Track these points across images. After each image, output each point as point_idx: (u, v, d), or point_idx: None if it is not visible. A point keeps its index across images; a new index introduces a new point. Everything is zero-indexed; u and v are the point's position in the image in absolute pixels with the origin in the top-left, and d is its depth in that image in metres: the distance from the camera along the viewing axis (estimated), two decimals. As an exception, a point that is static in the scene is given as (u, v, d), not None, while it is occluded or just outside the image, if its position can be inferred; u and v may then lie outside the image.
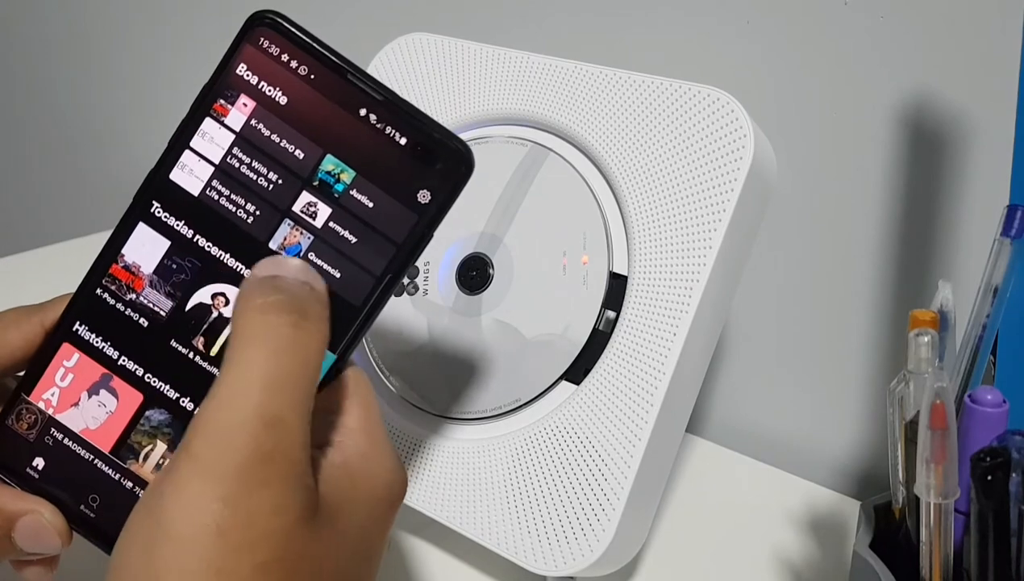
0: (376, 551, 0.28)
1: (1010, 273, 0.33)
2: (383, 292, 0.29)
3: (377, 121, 0.29)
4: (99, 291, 0.30)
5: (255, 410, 0.24)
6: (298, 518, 0.24)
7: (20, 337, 0.31)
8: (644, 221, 0.42)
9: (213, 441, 0.24)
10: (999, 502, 0.29)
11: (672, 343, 0.40)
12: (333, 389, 0.29)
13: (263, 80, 0.29)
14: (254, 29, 0.29)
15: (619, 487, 0.39)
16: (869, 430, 0.56)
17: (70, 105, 1.08)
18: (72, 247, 0.81)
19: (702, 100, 0.42)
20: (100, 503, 0.30)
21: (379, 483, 0.28)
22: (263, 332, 0.25)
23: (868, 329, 0.55)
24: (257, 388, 0.25)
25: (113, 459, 0.30)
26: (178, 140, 0.30)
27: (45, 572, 0.31)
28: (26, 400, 0.31)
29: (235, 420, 0.24)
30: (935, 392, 0.29)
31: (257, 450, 0.24)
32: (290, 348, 0.25)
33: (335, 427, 0.28)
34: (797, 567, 0.47)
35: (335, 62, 0.29)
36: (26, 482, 0.30)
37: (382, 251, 0.29)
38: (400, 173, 0.29)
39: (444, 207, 0.29)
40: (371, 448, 0.28)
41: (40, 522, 0.29)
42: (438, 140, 0.29)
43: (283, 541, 0.24)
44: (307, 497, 0.25)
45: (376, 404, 0.29)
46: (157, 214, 0.30)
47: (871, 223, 0.53)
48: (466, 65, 0.48)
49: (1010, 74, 0.35)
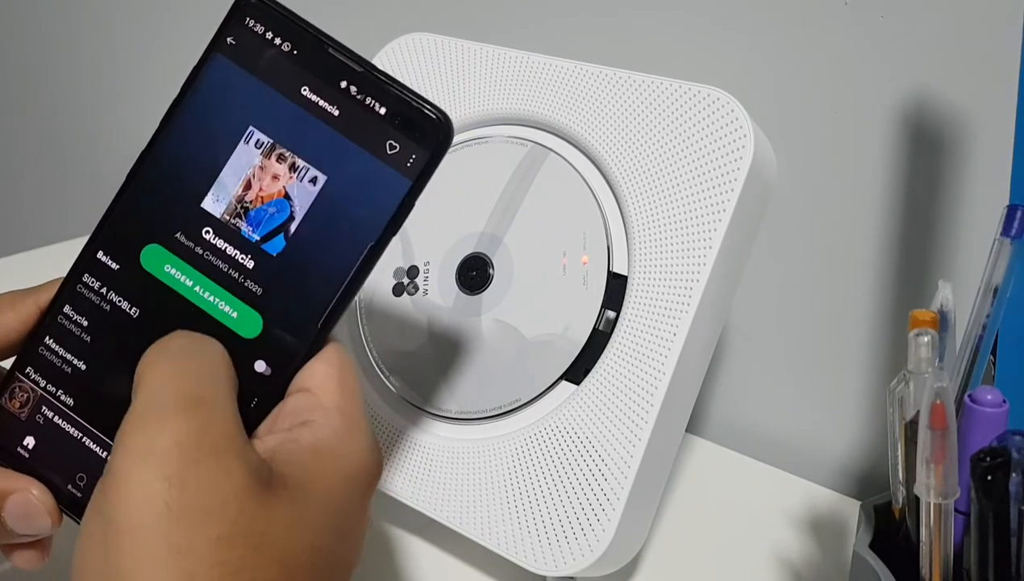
0: (355, 530, 0.28)
1: (1010, 273, 0.33)
2: (364, 263, 0.29)
3: (357, 92, 0.29)
4: (94, 265, 0.31)
5: (175, 395, 0.26)
6: (244, 487, 0.24)
7: (16, 318, 0.31)
8: (644, 221, 0.42)
9: (142, 429, 0.25)
10: (999, 502, 0.29)
11: (672, 343, 0.40)
12: (312, 366, 0.29)
13: (250, 56, 0.30)
14: (241, 8, 0.30)
15: (619, 487, 0.39)
16: (869, 430, 0.56)
17: (70, 105, 1.08)
18: (72, 247, 0.81)
19: (702, 100, 0.42)
20: (88, 482, 0.30)
21: (352, 462, 0.28)
22: (163, 349, 0.28)
23: (868, 329, 0.55)
24: (173, 379, 0.26)
25: (102, 437, 0.30)
26: (172, 113, 0.31)
27: (37, 557, 0.31)
28: (19, 378, 0.31)
29: (158, 407, 0.25)
30: (935, 392, 0.29)
31: (186, 427, 0.25)
32: (191, 349, 0.28)
33: (311, 405, 0.28)
34: (797, 567, 0.47)
35: (316, 38, 0.30)
36: (16, 461, 0.31)
37: (362, 221, 0.29)
38: (379, 142, 0.29)
39: (424, 176, 0.29)
40: (345, 428, 0.28)
41: (30, 500, 0.30)
42: (416, 109, 0.29)
43: (237, 513, 0.24)
44: (250, 468, 0.25)
45: (356, 383, 0.29)
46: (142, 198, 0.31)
47: (871, 223, 0.53)
48: (466, 65, 0.48)
49: (1010, 74, 0.35)
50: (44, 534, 0.30)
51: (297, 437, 0.27)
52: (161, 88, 1.00)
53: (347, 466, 0.28)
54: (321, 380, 0.29)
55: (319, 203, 0.30)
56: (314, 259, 0.29)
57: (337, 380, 0.29)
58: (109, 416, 0.30)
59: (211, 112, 0.30)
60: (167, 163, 0.30)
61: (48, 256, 0.80)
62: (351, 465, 0.28)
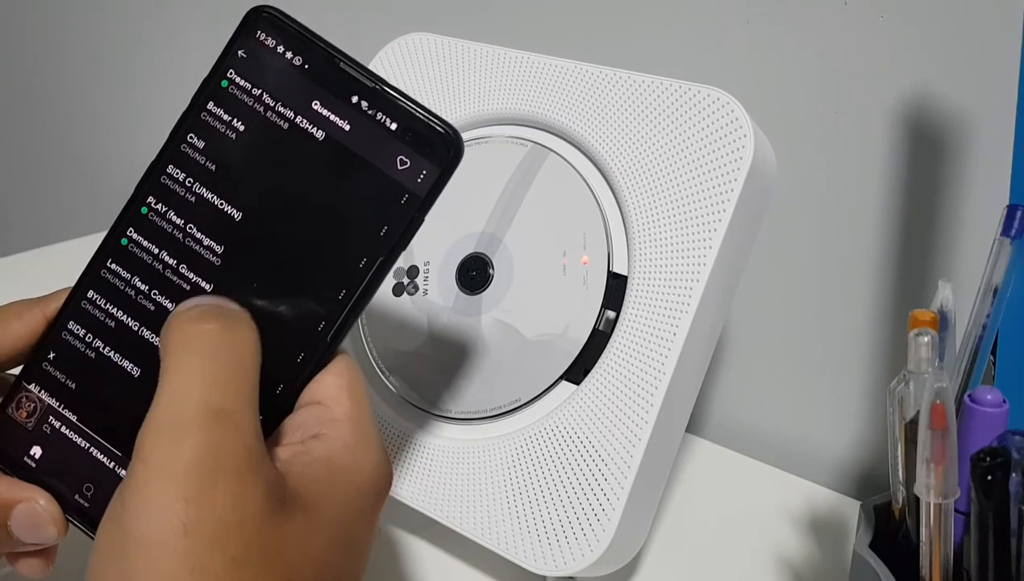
0: (362, 544, 0.28)
1: (1010, 273, 0.33)
2: (373, 277, 0.29)
3: (368, 107, 0.29)
4: (102, 275, 0.31)
5: (198, 406, 0.25)
6: (262, 508, 0.24)
7: (23, 327, 0.31)
8: (644, 221, 0.42)
9: (163, 442, 0.24)
10: (999, 502, 0.29)
11: (672, 343, 0.40)
12: (322, 378, 0.29)
13: (261, 70, 0.30)
14: (252, 22, 0.30)
15: (619, 487, 0.39)
16: (869, 430, 0.56)
17: (71, 104, 1.08)
18: (72, 247, 0.81)
19: (702, 100, 0.42)
20: (95, 492, 0.30)
21: (363, 475, 0.28)
22: (193, 338, 0.27)
23: (868, 329, 0.55)
24: (197, 386, 0.25)
25: (109, 447, 0.30)
26: (179, 130, 0.30)
27: (43, 565, 0.31)
28: (26, 388, 0.31)
29: (181, 418, 0.25)
30: (935, 392, 0.29)
31: (208, 444, 0.24)
32: (222, 347, 0.27)
33: (322, 418, 0.28)
34: (797, 567, 0.47)
35: (328, 52, 0.30)
36: (22, 471, 0.30)
37: (372, 235, 0.29)
38: (390, 158, 0.29)
39: (434, 192, 0.29)
40: (356, 440, 0.28)
41: (36, 510, 0.29)
42: (427, 124, 0.29)
43: (252, 534, 0.24)
44: (268, 487, 0.25)
45: (365, 394, 0.29)
46: (157, 207, 0.30)
47: (871, 223, 0.53)
48: (466, 65, 0.48)
49: (1010, 74, 0.35)
50: (50, 543, 0.30)
51: (310, 450, 0.27)
52: (167, 92, 1.00)
53: (359, 480, 0.28)
54: (332, 392, 0.29)
55: (328, 216, 0.29)
56: (324, 270, 0.29)
57: (348, 392, 0.29)
58: (117, 427, 0.30)
59: (221, 124, 0.30)
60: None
61: (48, 256, 0.80)
62: (362, 479, 0.28)
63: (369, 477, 0.28)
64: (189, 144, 0.30)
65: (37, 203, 1.19)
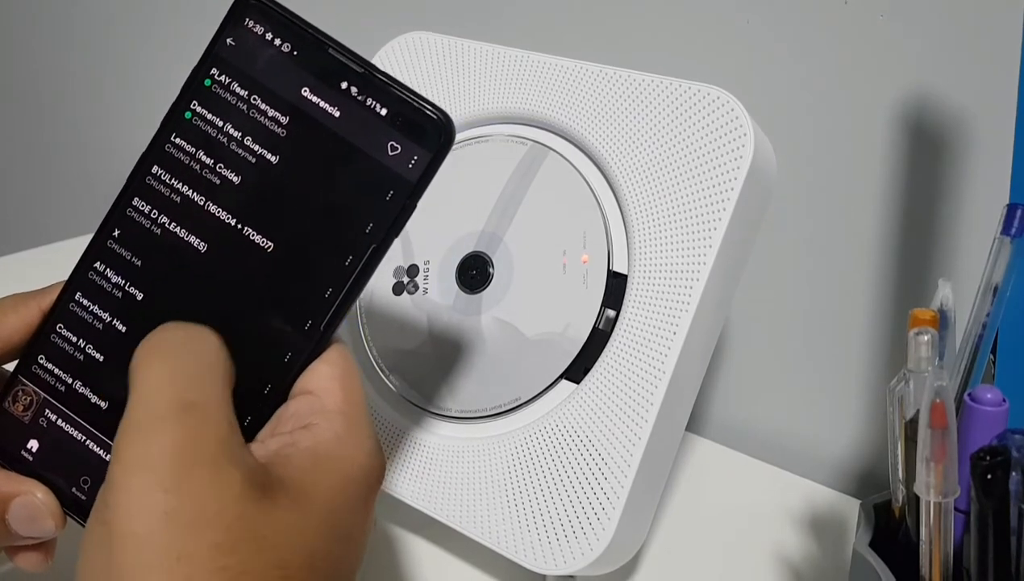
0: (355, 533, 0.28)
1: (1010, 272, 0.33)
2: (366, 265, 0.29)
3: (358, 93, 0.29)
4: (91, 274, 0.31)
5: (169, 403, 0.25)
6: (242, 494, 0.24)
7: (19, 321, 0.31)
8: (644, 220, 0.42)
9: (137, 439, 0.25)
10: (999, 501, 0.29)
11: (672, 342, 0.40)
12: (316, 367, 0.29)
13: (250, 57, 0.30)
14: (241, 9, 0.30)
15: (619, 486, 0.39)
16: (869, 430, 0.56)
17: (70, 104, 1.08)
18: (72, 247, 0.81)
19: (702, 99, 0.42)
20: (92, 485, 0.30)
21: (353, 465, 0.28)
22: (157, 344, 0.28)
23: (868, 329, 0.55)
24: (166, 385, 0.26)
25: (106, 440, 0.30)
26: (164, 128, 0.30)
27: (42, 559, 0.31)
28: (23, 382, 0.31)
29: (153, 415, 0.25)
30: (935, 391, 0.29)
31: (181, 435, 0.25)
32: (185, 348, 0.28)
33: (314, 407, 0.28)
34: (797, 566, 0.47)
35: (317, 38, 0.30)
36: (19, 465, 0.31)
37: (363, 223, 0.29)
38: (381, 143, 0.29)
39: (426, 177, 0.29)
40: (348, 430, 0.28)
41: (34, 503, 0.30)
42: (418, 109, 0.29)
43: (234, 519, 0.24)
44: (246, 473, 0.25)
45: (359, 384, 0.29)
46: (142, 207, 0.30)
47: (871, 223, 0.53)
48: (466, 64, 0.48)
49: (1010, 74, 0.35)
50: (48, 537, 0.31)
51: (296, 440, 0.27)
52: (160, 88, 1.00)
53: (348, 469, 0.27)
54: (323, 382, 0.29)
55: (319, 206, 0.29)
56: (316, 260, 0.29)
57: (340, 382, 0.29)
58: (113, 419, 0.30)
59: (209, 116, 0.30)
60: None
61: (48, 255, 0.80)
62: (352, 468, 0.28)
63: (360, 467, 0.28)
64: (173, 143, 0.30)
65: (37, 203, 1.19)
